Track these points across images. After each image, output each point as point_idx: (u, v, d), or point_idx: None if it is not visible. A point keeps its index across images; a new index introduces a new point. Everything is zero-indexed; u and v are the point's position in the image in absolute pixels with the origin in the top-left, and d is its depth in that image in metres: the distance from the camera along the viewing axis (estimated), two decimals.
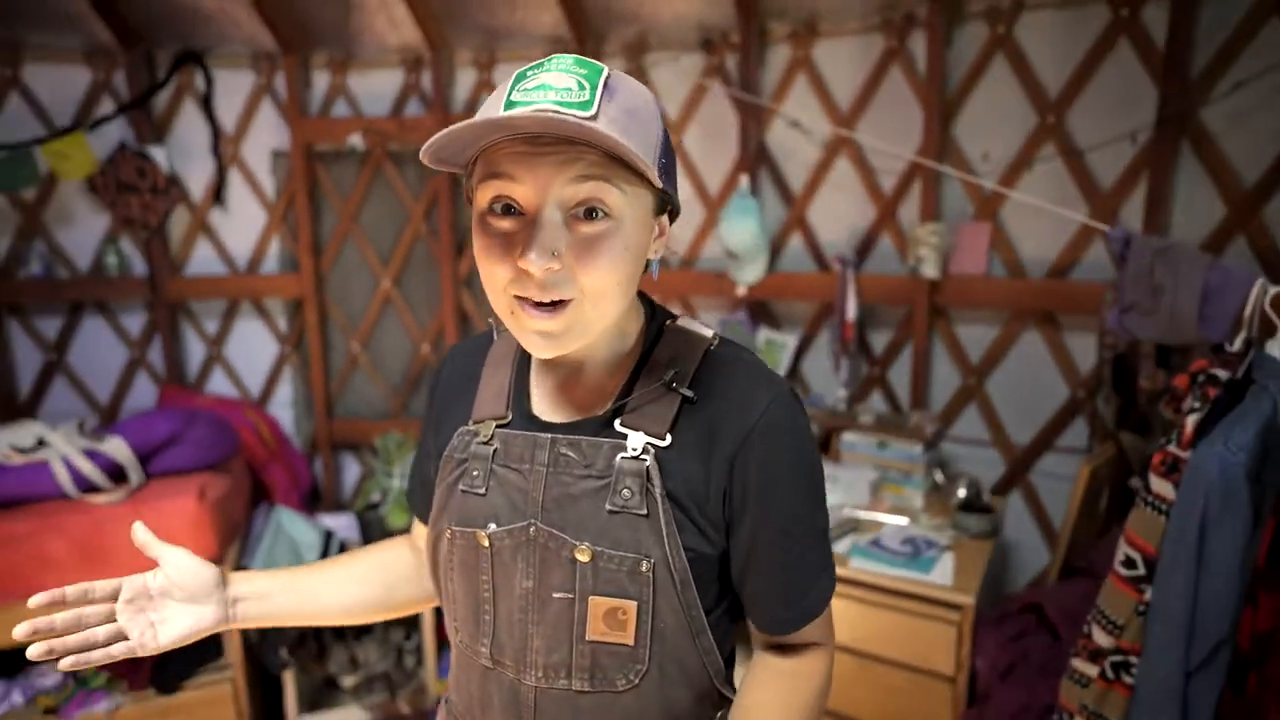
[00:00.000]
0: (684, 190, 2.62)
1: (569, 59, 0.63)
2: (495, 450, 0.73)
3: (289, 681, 2.26)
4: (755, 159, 2.45)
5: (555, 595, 0.70)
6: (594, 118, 0.59)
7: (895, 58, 2.26)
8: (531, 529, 0.70)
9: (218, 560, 2.10)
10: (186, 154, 2.75)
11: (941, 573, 1.68)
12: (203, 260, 2.85)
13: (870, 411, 2.21)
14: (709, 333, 0.76)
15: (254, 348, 2.95)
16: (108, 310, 2.82)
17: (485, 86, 2.74)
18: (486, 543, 0.72)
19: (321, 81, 2.80)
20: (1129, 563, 1.18)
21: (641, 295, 0.78)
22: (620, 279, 0.65)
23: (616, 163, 0.62)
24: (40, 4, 2.45)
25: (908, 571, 1.69)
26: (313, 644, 2.32)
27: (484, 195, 0.63)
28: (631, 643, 0.69)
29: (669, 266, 2.59)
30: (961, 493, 1.97)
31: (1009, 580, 2.28)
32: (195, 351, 2.92)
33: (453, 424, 0.79)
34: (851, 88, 2.34)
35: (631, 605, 0.68)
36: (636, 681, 0.70)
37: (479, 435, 0.75)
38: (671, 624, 0.70)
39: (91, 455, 2.08)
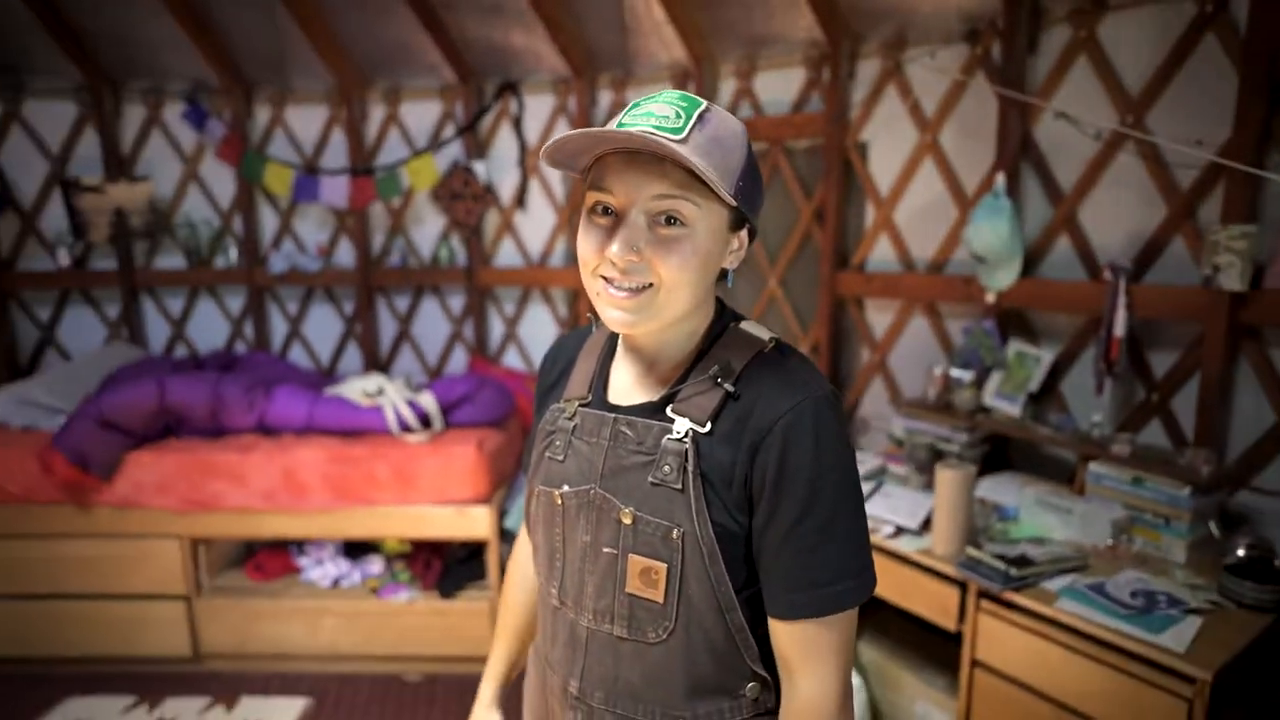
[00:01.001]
0: (937, 190, 2.49)
1: (676, 94, 0.77)
2: (575, 425, 0.88)
3: None
4: (1017, 155, 2.24)
5: (604, 550, 0.82)
6: (683, 141, 0.72)
7: (1210, 25, 1.89)
8: (592, 492, 0.84)
9: (486, 499, 2.58)
10: (500, 166, 3.35)
11: (1177, 637, 1.42)
12: (506, 254, 3.45)
13: (1129, 442, 1.91)
14: (766, 336, 0.84)
15: (539, 329, 3.49)
16: (439, 293, 3.56)
17: (744, 94, 2.88)
18: (559, 501, 0.86)
19: (605, 99, 3.20)
20: None
21: (718, 300, 0.88)
22: (691, 277, 0.76)
23: (695, 181, 0.74)
24: (412, 56, 3.19)
25: (1130, 626, 1.46)
26: None
27: (590, 198, 0.78)
28: (661, 601, 0.79)
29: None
30: (1241, 552, 1.62)
31: None
32: (496, 329, 3.55)
33: (550, 402, 0.95)
34: (1144, 68, 2.01)
35: (662, 567, 0.79)
36: (665, 637, 0.80)
37: (565, 412, 0.89)
38: (698, 592, 0.79)
39: (411, 404, 2.69)
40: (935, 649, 2.07)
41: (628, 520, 0.80)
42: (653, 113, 0.74)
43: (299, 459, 2.56)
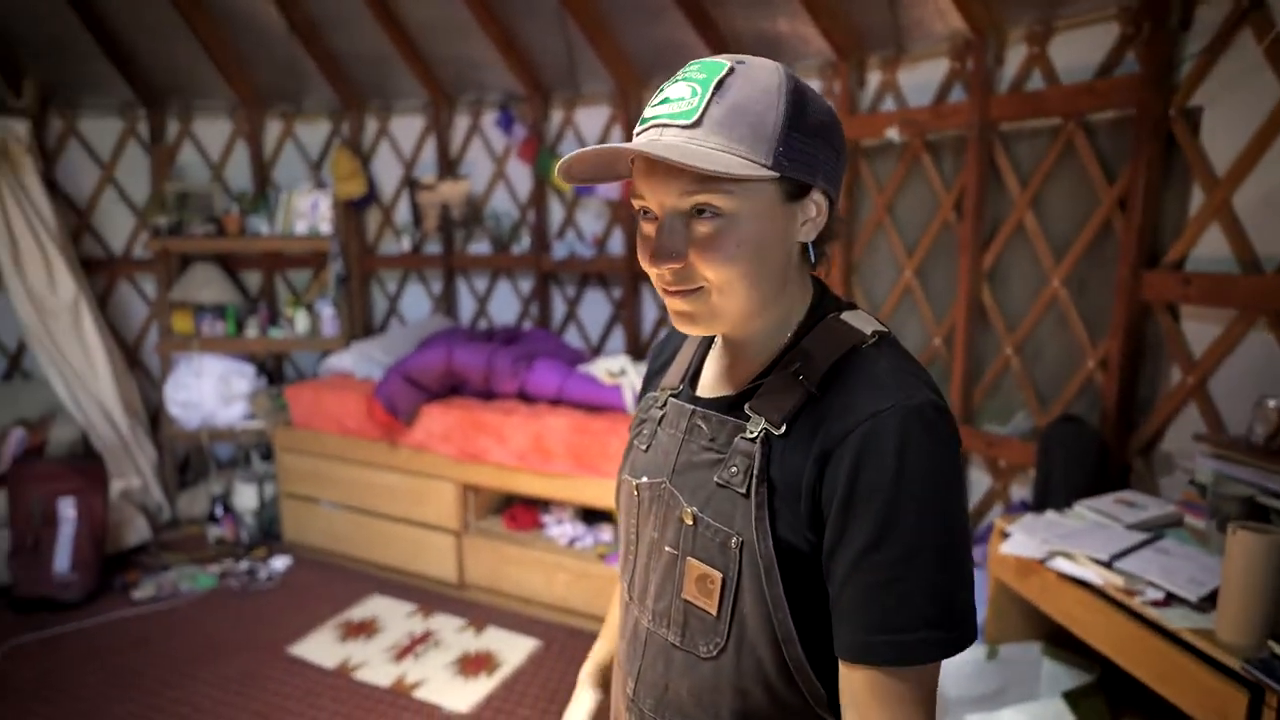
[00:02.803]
0: None
1: (699, 64, 0.69)
2: (663, 415, 0.84)
3: None
4: None
5: (667, 549, 0.78)
6: (697, 123, 0.66)
7: None
8: (663, 486, 0.79)
9: None
10: None
11: None
12: None
13: None
14: (868, 330, 0.72)
15: None
16: None
17: (1036, 61, 2.46)
18: (636, 492, 0.83)
19: (874, 80, 2.98)
20: None
21: (819, 285, 0.78)
22: (742, 270, 0.69)
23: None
24: (683, 54, 3.31)
25: None
26: None
27: (635, 204, 0.73)
28: (714, 613, 0.73)
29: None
30: None
31: None
32: None
33: (650, 390, 0.92)
34: None
35: (718, 576, 0.72)
36: (715, 654, 0.73)
37: (657, 401, 0.86)
38: (753, 612, 0.71)
39: None
40: None
41: (689, 520, 0.75)
42: (669, 98, 0.68)
43: (548, 426, 2.85)
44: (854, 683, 0.67)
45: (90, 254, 4.05)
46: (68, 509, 3.12)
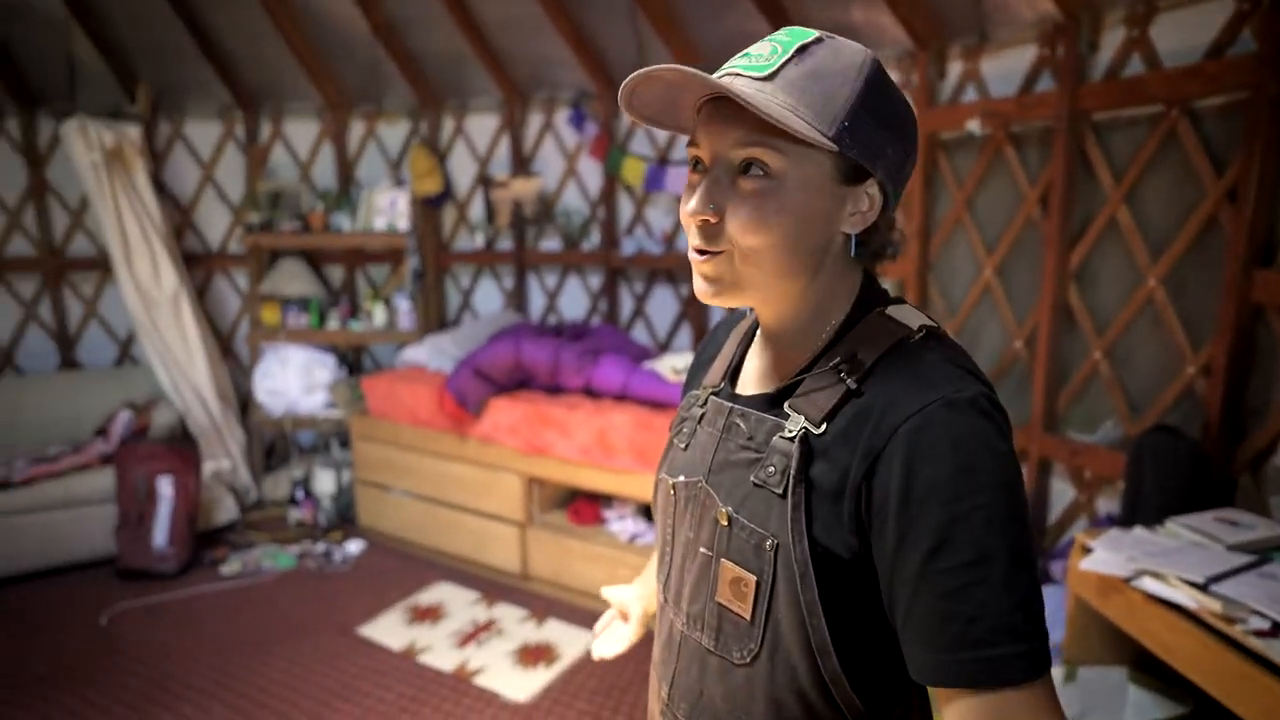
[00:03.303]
0: None
1: (786, 30, 0.68)
2: (703, 414, 0.81)
3: None
4: None
5: (701, 550, 0.75)
6: (770, 78, 0.64)
7: None
8: (699, 485, 0.77)
9: None
10: None
11: None
12: None
13: None
14: (916, 324, 0.68)
15: None
16: None
17: (1135, 44, 2.30)
18: (673, 491, 0.81)
19: (955, 70, 2.85)
20: None
21: (866, 279, 0.74)
22: (775, 240, 0.66)
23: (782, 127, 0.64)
24: (735, 47, 3.25)
25: None
26: None
27: (689, 153, 0.72)
28: (748, 618, 0.70)
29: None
30: None
31: None
32: None
33: (693, 387, 0.90)
34: None
35: (752, 580, 0.69)
36: (749, 660, 0.71)
37: (699, 399, 0.84)
38: (787, 618, 0.68)
39: None
40: None
41: (724, 521, 0.73)
42: (750, 53, 0.67)
43: (611, 421, 2.85)
44: (954, 715, 0.60)
45: (190, 249, 4.33)
46: (166, 487, 3.34)
